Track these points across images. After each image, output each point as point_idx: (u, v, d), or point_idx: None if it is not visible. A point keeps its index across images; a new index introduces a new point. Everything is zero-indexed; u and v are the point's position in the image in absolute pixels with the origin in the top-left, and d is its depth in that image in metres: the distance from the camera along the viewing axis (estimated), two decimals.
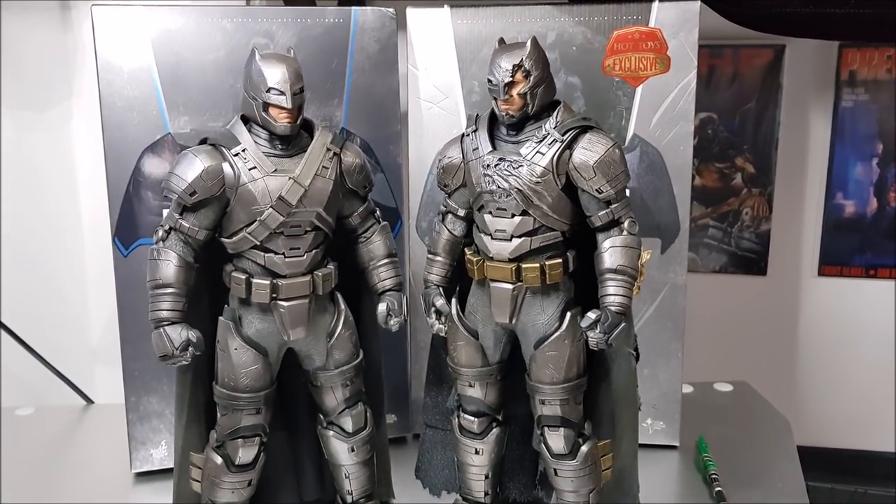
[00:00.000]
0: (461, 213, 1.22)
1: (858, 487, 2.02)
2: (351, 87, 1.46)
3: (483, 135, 1.14)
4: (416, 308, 1.54)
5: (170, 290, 1.10)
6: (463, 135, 1.18)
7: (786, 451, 1.56)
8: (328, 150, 1.15)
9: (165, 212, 1.17)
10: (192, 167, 1.10)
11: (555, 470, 1.17)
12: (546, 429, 1.16)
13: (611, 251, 1.10)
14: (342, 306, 1.21)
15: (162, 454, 1.50)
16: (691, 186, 1.50)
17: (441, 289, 1.25)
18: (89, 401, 1.84)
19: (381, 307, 1.21)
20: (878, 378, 2.07)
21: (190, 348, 1.10)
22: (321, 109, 1.43)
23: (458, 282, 1.25)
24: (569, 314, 1.14)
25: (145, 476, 1.50)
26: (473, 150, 1.15)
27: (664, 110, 1.46)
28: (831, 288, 2.07)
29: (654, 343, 1.51)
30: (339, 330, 1.20)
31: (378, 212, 1.25)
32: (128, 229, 1.43)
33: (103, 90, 1.38)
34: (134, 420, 1.49)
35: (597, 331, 1.08)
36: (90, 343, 2.02)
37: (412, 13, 1.46)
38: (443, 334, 1.25)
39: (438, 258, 1.25)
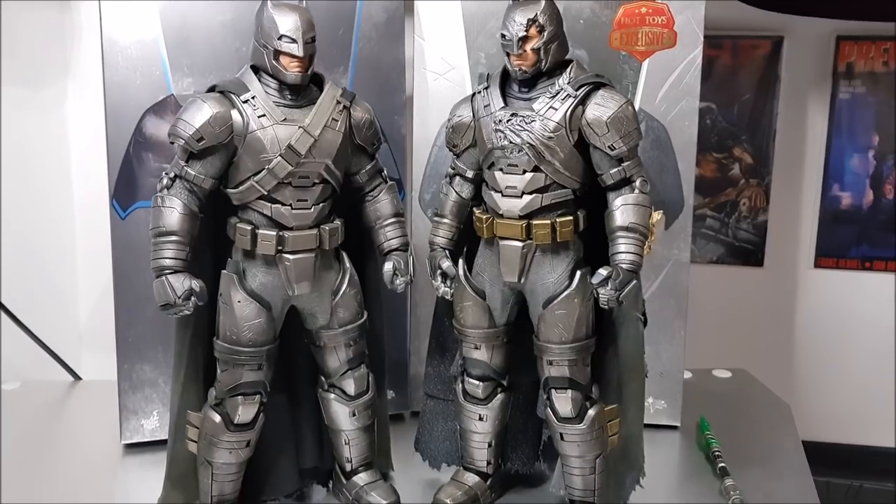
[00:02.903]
0: (469, 174, 1.21)
1: (854, 482, 2.01)
2: (357, 55, 1.44)
3: (495, 91, 1.13)
4: (416, 283, 1.52)
5: (173, 237, 1.08)
6: (474, 94, 1.17)
7: (788, 434, 1.55)
8: (338, 102, 1.13)
9: (168, 168, 1.14)
10: (201, 112, 1.08)
11: (561, 434, 1.15)
12: (553, 391, 1.14)
13: (622, 209, 1.09)
14: (347, 265, 1.19)
15: (153, 425, 1.46)
16: (698, 167, 1.49)
17: (447, 251, 1.23)
18: (77, 377, 1.80)
19: (388, 266, 1.19)
20: (874, 372, 2.07)
21: (192, 298, 1.07)
22: (326, 77, 1.41)
23: (465, 243, 1.23)
24: (579, 273, 1.13)
25: (136, 447, 1.46)
26: (485, 106, 1.14)
27: (670, 85, 1.46)
28: (827, 280, 2.08)
29: (656, 321, 1.49)
30: (343, 288, 1.17)
31: (385, 171, 1.23)
32: (126, 191, 1.40)
33: (106, 49, 1.35)
34: (126, 389, 1.45)
35: (608, 287, 1.06)
36: (78, 321, 1.97)
37: None
38: (448, 297, 1.23)
39: (445, 220, 1.23)
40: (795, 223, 2.08)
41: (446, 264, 1.21)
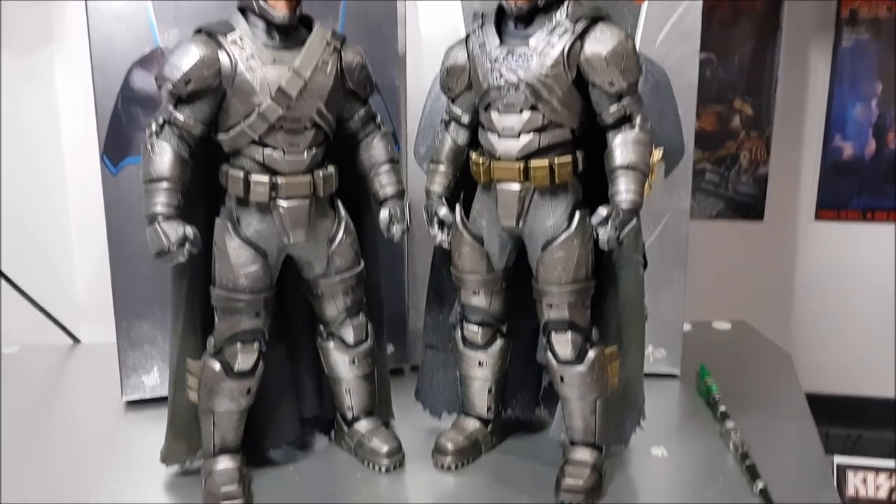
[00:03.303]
0: (465, 119, 1.19)
1: (853, 431, 2.01)
2: (347, 4, 1.41)
3: (490, 29, 1.11)
4: (413, 237, 1.51)
5: (165, 183, 1.06)
6: (468, 34, 1.15)
7: (789, 382, 1.55)
8: (328, 44, 1.11)
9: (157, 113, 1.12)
10: (188, 55, 1.05)
11: (561, 377, 1.14)
12: (553, 333, 1.13)
13: (622, 147, 1.07)
14: (343, 213, 1.17)
15: (154, 381, 1.46)
16: (697, 119, 1.47)
17: (444, 199, 1.21)
18: (76, 340, 1.79)
19: (383, 213, 1.18)
20: (875, 323, 2.06)
21: (186, 244, 1.06)
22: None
23: (462, 189, 1.21)
24: (578, 214, 1.11)
25: (137, 404, 1.45)
26: (480, 46, 1.11)
27: (669, 29, 1.43)
28: (828, 232, 2.06)
29: (656, 270, 1.47)
30: (339, 236, 1.16)
31: (379, 117, 1.21)
32: (116, 147, 1.38)
33: (90, 2, 1.33)
34: (125, 346, 1.44)
35: (607, 227, 1.05)
36: (75, 283, 1.96)
37: None
38: (446, 245, 1.21)
39: (441, 167, 1.21)
40: (796, 175, 2.06)
41: (443, 211, 1.19)
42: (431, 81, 1.47)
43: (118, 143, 1.38)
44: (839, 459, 1.87)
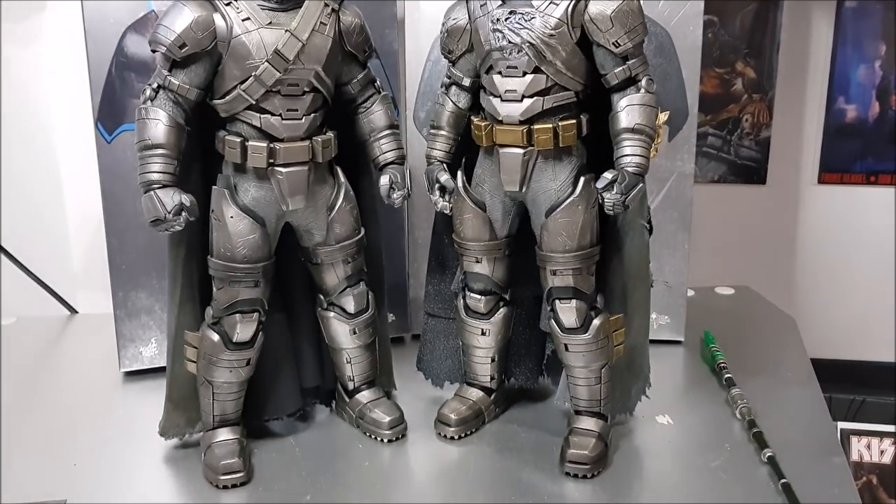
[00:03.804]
0: (466, 82, 1.16)
1: (857, 396, 2.01)
2: None
3: None
4: (413, 205, 1.49)
5: (160, 150, 1.03)
6: None
7: (793, 346, 1.54)
8: (326, 5, 1.08)
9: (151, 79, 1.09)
10: (182, 17, 1.02)
11: (565, 345, 1.13)
12: (557, 301, 1.12)
13: (628, 110, 1.05)
14: (342, 179, 1.15)
15: (152, 352, 1.44)
16: (700, 77, 1.45)
17: (445, 165, 1.19)
18: (73, 311, 1.77)
19: (384, 180, 1.16)
20: (878, 287, 2.05)
21: (183, 213, 1.03)
22: None
23: (464, 153, 1.19)
24: (582, 179, 1.09)
25: (135, 375, 1.44)
26: (481, 6, 1.08)
27: None
28: (831, 196, 2.04)
29: (660, 235, 1.46)
30: (339, 203, 1.14)
31: (378, 81, 1.18)
32: (111, 114, 1.35)
33: None
34: (122, 317, 1.43)
35: (613, 192, 1.03)
36: (71, 254, 1.93)
37: None
38: (447, 212, 1.19)
39: (442, 132, 1.19)
40: (799, 138, 2.03)
41: (444, 177, 1.17)
42: (431, 45, 1.43)
43: (112, 110, 1.35)
44: (843, 425, 1.87)
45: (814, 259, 2.09)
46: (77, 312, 1.77)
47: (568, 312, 1.11)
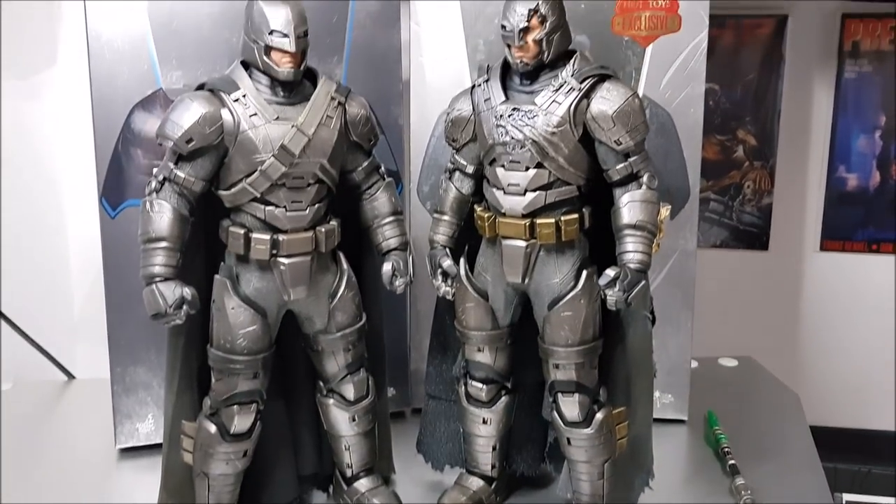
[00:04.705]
0: (469, 169, 1.16)
1: (862, 467, 1.99)
2: (351, 43, 1.39)
3: (496, 84, 1.09)
4: (416, 277, 1.48)
5: (163, 244, 1.03)
6: (473, 86, 1.13)
7: (797, 425, 1.52)
8: (332, 98, 1.08)
9: (156, 170, 1.09)
10: (189, 112, 1.03)
11: (568, 439, 1.12)
12: (559, 395, 1.11)
13: (629, 206, 1.05)
14: (345, 266, 1.15)
15: (148, 428, 1.42)
16: (701, 150, 1.45)
17: (448, 249, 1.19)
18: (71, 376, 1.76)
19: (387, 266, 1.15)
20: (881, 356, 2.04)
21: (184, 306, 1.03)
22: (320, 66, 1.33)
23: (467, 241, 1.19)
24: (585, 273, 1.09)
25: (131, 452, 1.42)
26: (485, 100, 1.09)
27: (675, 71, 1.41)
28: (833, 263, 2.04)
29: (662, 313, 1.43)
30: (341, 290, 1.13)
31: (383, 168, 1.19)
32: (116, 189, 1.36)
33: (92, 42, 1.30)
34: (119, 392, 1.41)
35: (615, 289, 1.03)
36: (71, 318, 1.93)
37: None
38: (450, 297, 1.19)
39: (445, 217, 1.19)
40: (801, 205, 2.04)
41: (447, 263, 1.17)
42: (435, 120, 1.44)
43: (117, 185, 1.35)
44: (848, 497, 1.85)
45: (817, 326, 2.08)
46: (74, 378, 1.76)
47: (570, 406, 1.11)
